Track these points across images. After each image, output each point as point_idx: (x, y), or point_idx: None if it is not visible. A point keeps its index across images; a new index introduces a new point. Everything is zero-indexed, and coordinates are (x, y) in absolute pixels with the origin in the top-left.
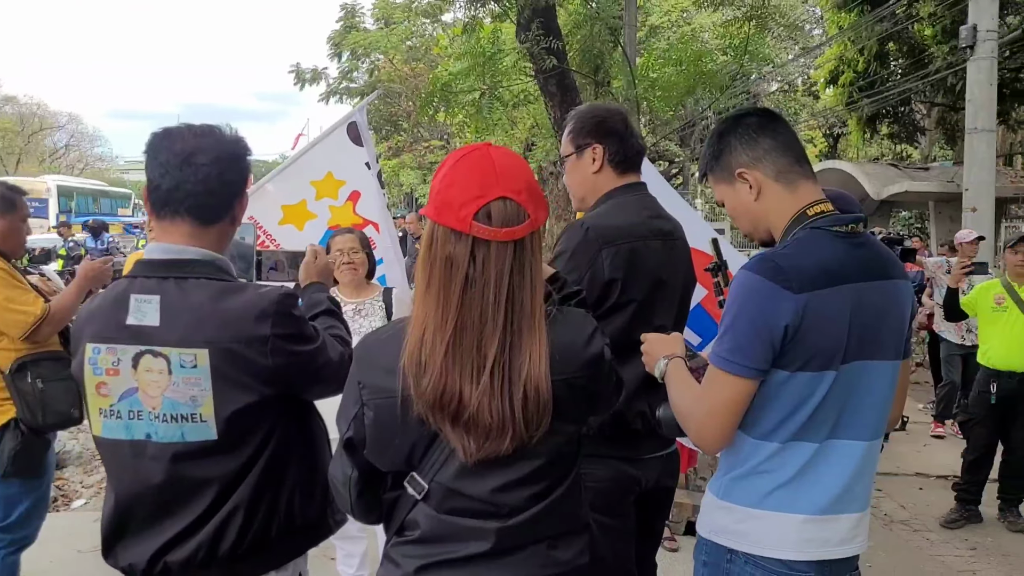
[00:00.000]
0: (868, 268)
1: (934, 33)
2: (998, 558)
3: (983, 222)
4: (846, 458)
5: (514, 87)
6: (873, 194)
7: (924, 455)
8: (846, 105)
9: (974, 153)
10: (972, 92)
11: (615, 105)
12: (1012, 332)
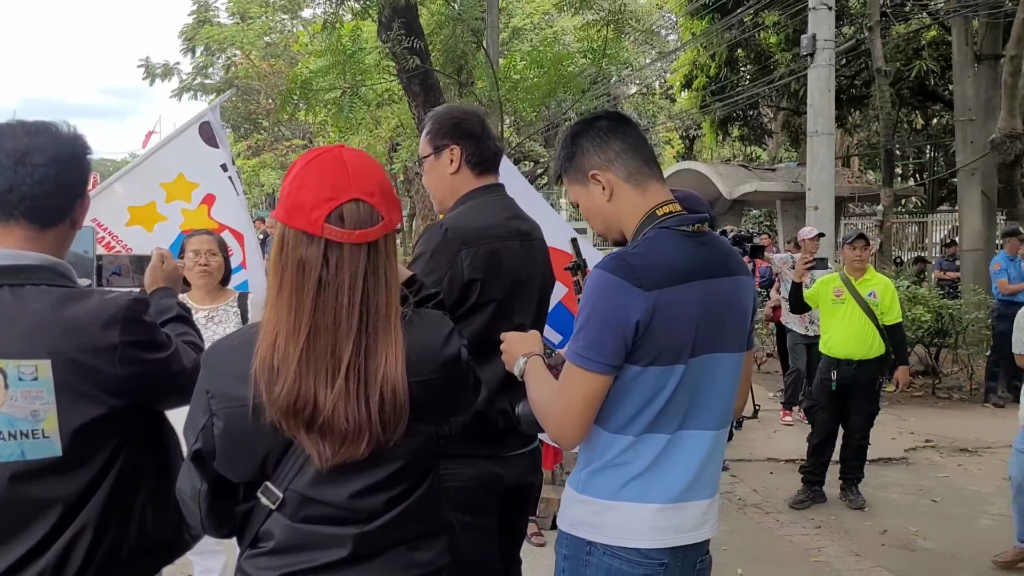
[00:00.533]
0: (713, 265)
1: (779, 41)
2: (840, 534)
3: (824, 219)
4: (696, 447)
5: (378, 86)
6: (726, 193)
7: (774, 441)
8: (700, 108)
9: (815, 155)
10: (812, 97)
11: (472, 107)
12: (849, 323)
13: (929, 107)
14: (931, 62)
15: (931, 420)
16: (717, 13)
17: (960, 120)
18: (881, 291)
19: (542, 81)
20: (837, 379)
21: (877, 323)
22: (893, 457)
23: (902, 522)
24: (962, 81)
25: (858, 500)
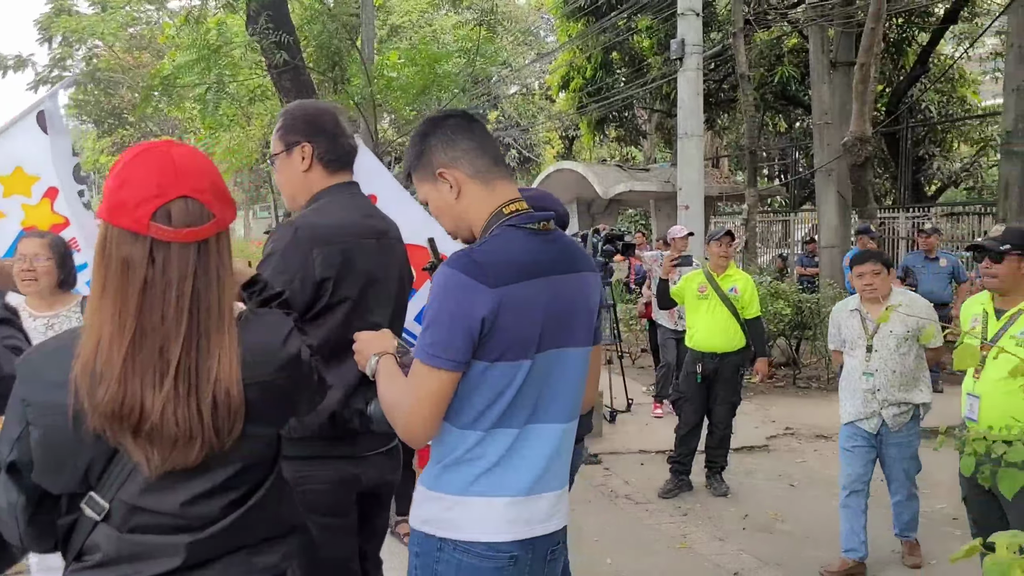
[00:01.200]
0: (559, 262)
1: (651, 45)
2: (705, 520)
3: (695, 218)
4: (545, 440)
5: (249, 82)
6: (601, 193)
7: (646, 433)
8: (577, 109)
9: (685, 156)
10: (682, 100)
11: (326, 103)
12: (713, 318)
13: (792, 111)
14: (792, 68)
15: (792, 409)
16: (592, 16)
17: (817, 124)
18: (742, 287)
19: (416, 80)
20: (702, 372)
21: (738, 317)
22: (756, 445)
23: (763, 506)
24: (819, 87)
25: (722, 487)
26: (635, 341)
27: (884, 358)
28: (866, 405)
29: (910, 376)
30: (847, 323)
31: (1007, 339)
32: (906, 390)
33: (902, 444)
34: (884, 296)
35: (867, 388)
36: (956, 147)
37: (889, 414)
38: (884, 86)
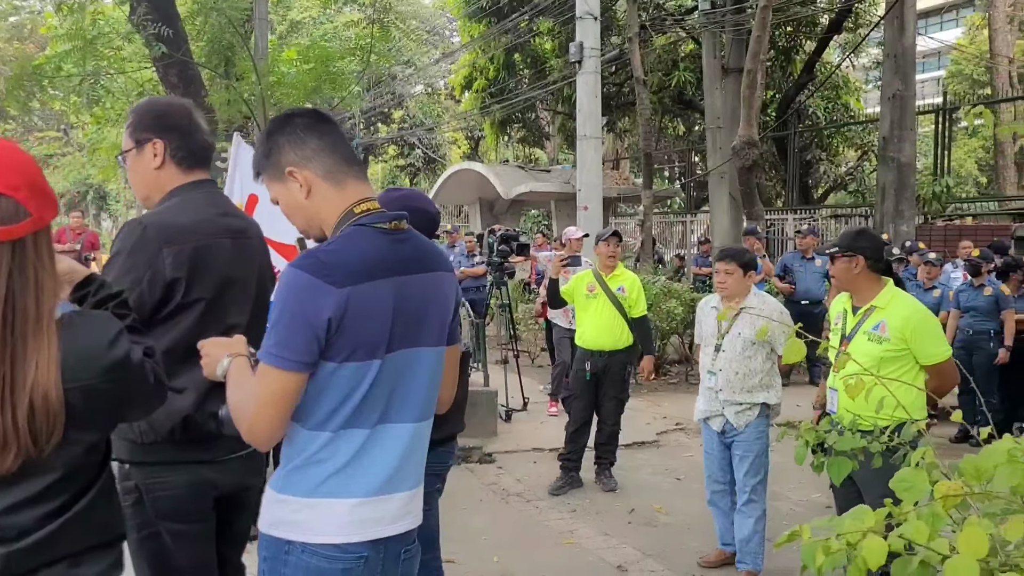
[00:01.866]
0: (410, 262)
1: (553, 47)
2: (593, 516)
3: (594, 219)
4: (396, 440)
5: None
6: (503, 193)
7: (540, 431)
8: (480, 110)
9: (584, 157)
10: (581, 103)
11: (179, 99)
12: (601, 316)
13: (689, 115)
14: (689, 74)
15: (683, 405)
16: (494, 17)
17: (710, 128)
18: (629, 286)
19: (306, 77)
20: (590, 369)
21: (626, 316)
22: (646, 440)
23: (648, 500)
24: (711, 92)
25: (611, 483)
26: (534, 340)
27: (729, 359)
28: (709, 404)
29: (755, 379)
30: (706, 320)
31: (860, 335)
32: (748, 392)
33: (745, 443)
34: (739, 296)
35: (710, 386)
36: (842, 152)
37: (731, 413)
38: (774, 92)
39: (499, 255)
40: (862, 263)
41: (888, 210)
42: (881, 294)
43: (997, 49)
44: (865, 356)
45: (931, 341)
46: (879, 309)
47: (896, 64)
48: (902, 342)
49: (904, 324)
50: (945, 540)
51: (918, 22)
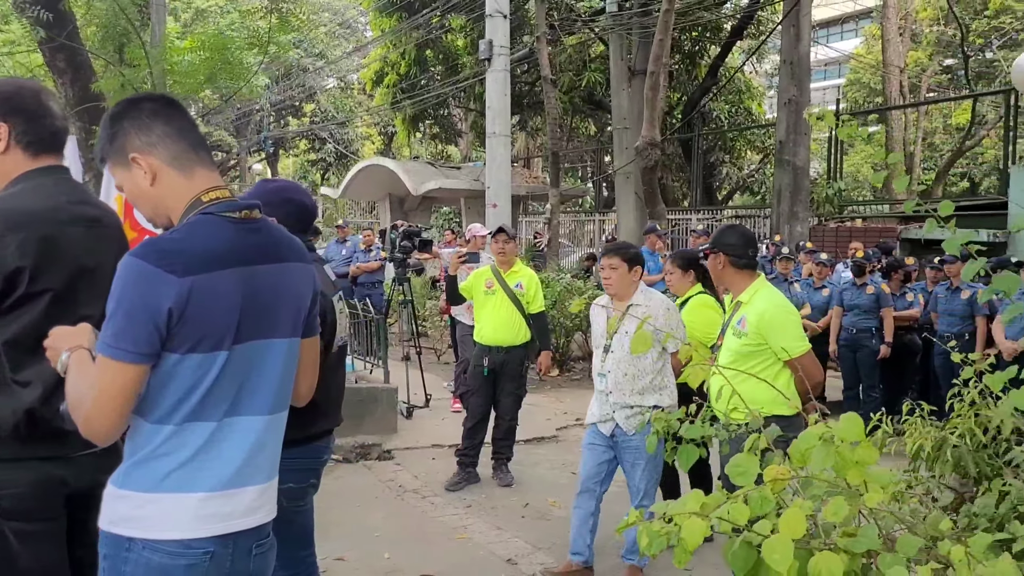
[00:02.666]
0: (261, 252)
1: (465, 44)
2: (488, 511)
3: (502, 217)
4: (246, 433)
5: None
6: (413, 190)
7: (441, 427)
8: (391, 105)
9: (493, 155)
10: (491, 100)
11: (29, 81)
12: (499, 312)
13: (599, 115)
14: (598, 74)
15: (584, 401)
16: (405, 12)
17: (617, 128)
18: (527, 283)
19: (202, 66)
20: (488, 365)
21: (523, 312)
22: (545, 436)
23: (544, 495)
24: (618, 93)
25: (507, 478)
26: (440, 337)
27: (618, 359)
28: (601, 407)
29: (645, 379)
30: (596, 320)
31: (729, 329)
32: (639, 394)
33: (636, 448)
34: (624, 294)
35: (601, 389)
36: (744, 154)
37: (621, 417)
38: (680, 95)
39: (401, 251)
40: (724, 259)
41: (784, 211)
42: (748, 289)
43: (889, 59)
44: (729, 350)
45: (785, 335)
46: (744, 304)
47: (792, 70)
48: (758, 336)
49: (759, 319)
50: (768, 522)
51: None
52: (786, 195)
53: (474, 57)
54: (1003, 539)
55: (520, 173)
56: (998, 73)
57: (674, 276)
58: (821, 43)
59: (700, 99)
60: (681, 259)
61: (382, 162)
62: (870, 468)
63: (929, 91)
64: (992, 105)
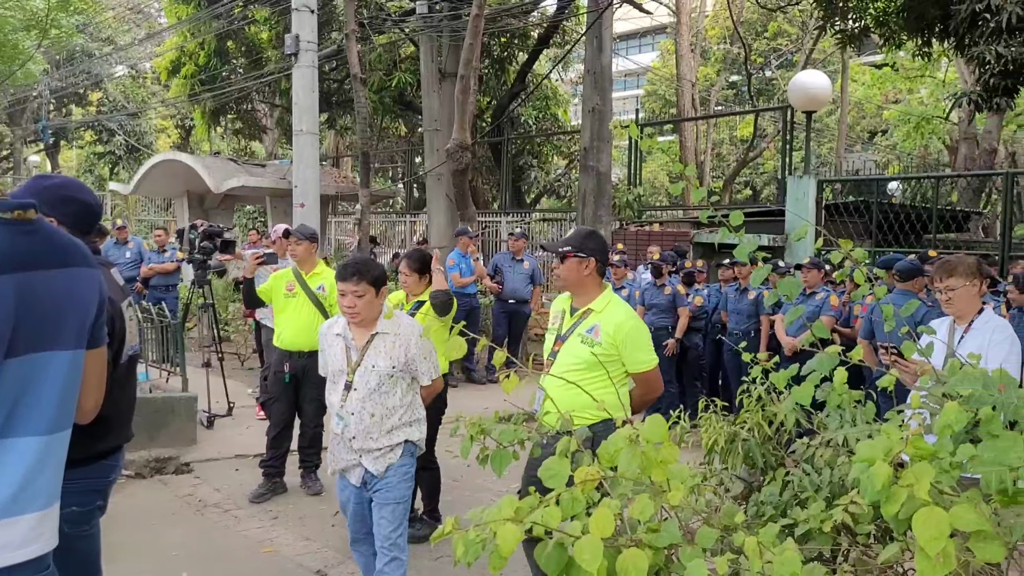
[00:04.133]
0: (39, 256)
1: (269, 37)
2: (295, 521)
3: (310, 217)
4: (21, 455)
5: None
6: (213, 187)
7: (245, 437)
8: (189, 97)
9: (301, 153)
10: (297, 96)
11: None
12: (300, 316)
13: (411, 116)
14: (409, 75)
15: None
16: (204, 0)
17: (428, 130)
18: (330, 285)
19: None
20: (289, 371)
21: (327, 315)
22: None
23: None
24: (429, 95)
25: (316, 486)
26: (244, 342)
27: (363, 398)
28: (343, 453)
29: (394, 417)
30: (331, 349)
31: (575, 336)
32: (388, 433)
33: (386, 488)
34: (371, 320)
35: (338, 432)
36: (551, 160)
37: (369, 461)
38: (490, 99)
39: (201, 252)
40: (593, 265)
41: (588, 215)
42: (600, 298)
43: (683, 73)
44: (575, 357)
45: (640, 349)
46: (596, 312)
47: (595, 80)
48: (613, 348)
49: (617, 330)
50: (579, 523)
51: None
52: (590, 199)
53: (279, 51)
54: (787, 524)
55: (329, 172)
56: (776, 90)
57: (411, 279)
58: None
59: (509, 104)
60: (418, 262)
61: (179, 157)
62: (672, 466)
63: (717, 105)
64: (772, 120)
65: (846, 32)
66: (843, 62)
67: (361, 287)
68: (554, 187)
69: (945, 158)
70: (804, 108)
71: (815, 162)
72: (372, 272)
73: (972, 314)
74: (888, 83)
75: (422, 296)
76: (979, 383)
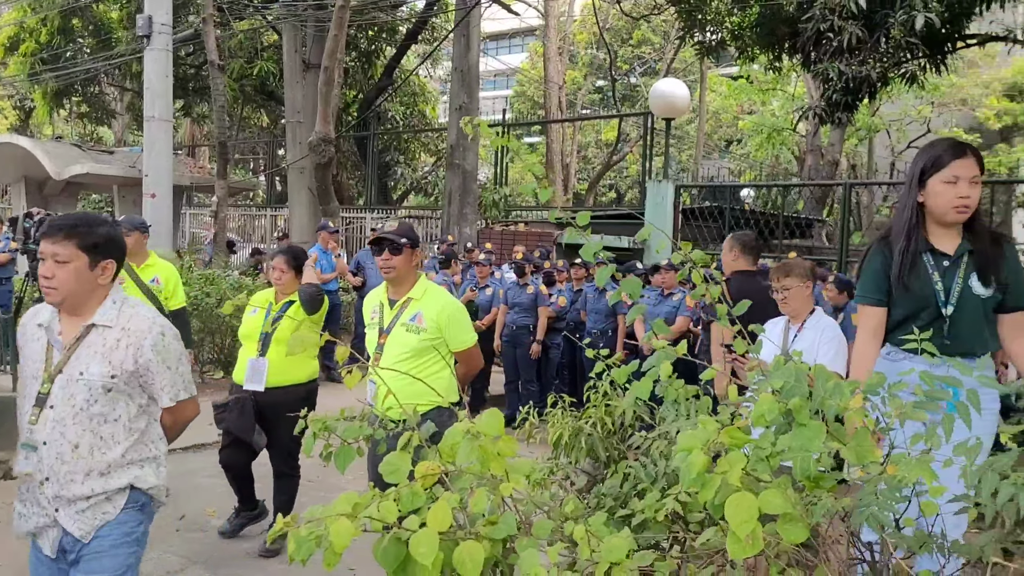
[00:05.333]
0: None
1: (120, 17)
2: None
3: (162, 208)
4: None
5: None
6: (54, 174)
7: None
8: (29, 76)
9: (152, 141)
10: (150, 81)
11: None
12: None
13: (273, 107)
14: (271, 64)
15: None
16: None
17: (291, 122)
18: (165, 277)
19: None
20: None
21: (162, 309)
22: (207, 442)
23: (201, 505)
24: (292, 85)
25: None
26: None
27: (61, 420)
28: (35, 507)
29: (116, 451)
30: (29, 347)
31: (399, 327)
32: (103, 476)
33: (95, 557)
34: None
35: (28, 473)
36: (418, 156)
37: (68, 517)
38: (357, 92)
39: (36, 242)
40: (418, 256)
41: (454, 213)
42: (417, 286)
43: (550, 76)
44: (403, 347)
45: (462, 329)
46: (415, 300)
47: (462, 78)
48: (437, 331)
49: (439, 313)
50: (418, 517)
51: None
52: (456, 198)
53: (131, 32)
54: (625, 515)
55: (184, 162)
56: (640, 97)
57: (286, 277)
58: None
59: (376, 98)
60: (295, 259)
61: (16, 140)
62: (512, 459)
63: (583, 108)
64: (635, 125)
65: (704, 44)
66: (701, 72)
67: (66, 250)
68: (421, 184)
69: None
70: (664, 115)
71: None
72: (89, 234)
73: (805, 314)
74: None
75: (293, 296)
76: (792, 377)
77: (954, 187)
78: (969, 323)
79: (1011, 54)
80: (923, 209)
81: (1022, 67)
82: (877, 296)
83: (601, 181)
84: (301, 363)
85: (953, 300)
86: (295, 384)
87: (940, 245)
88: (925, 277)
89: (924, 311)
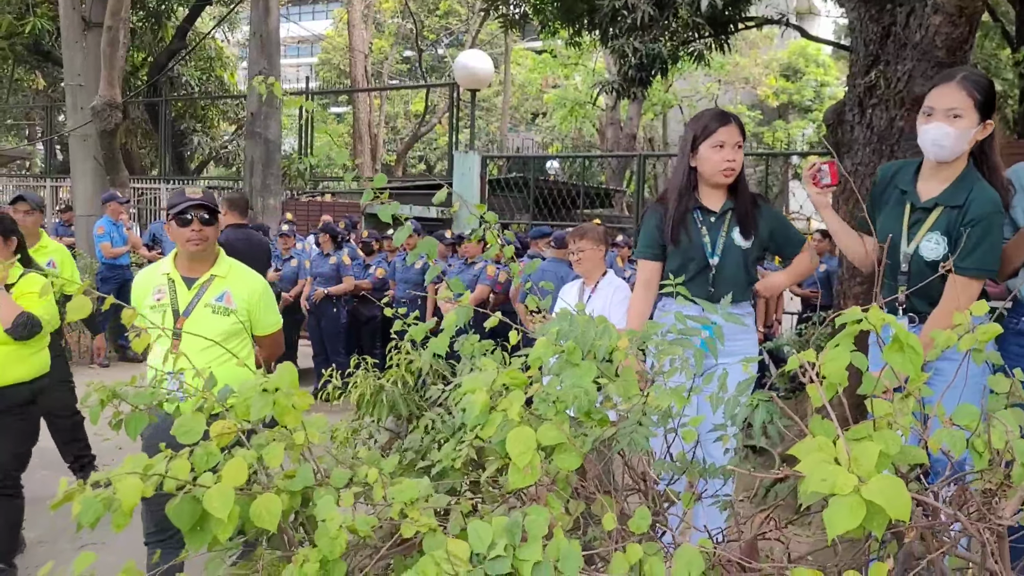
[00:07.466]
0: None
1: None
2: None
3: None
4: None
5: None
6: None
7: None
8: None
9: None
10: None
11: None
12: None
13: (50, 68)
14: (47, 21)
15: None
16: None
17: (71, 85)
18: (60, 260)
19: None
20: None
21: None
22: None
23: None
24: (71, 46)
25: None
26: None
27: None
28: None
29: None
30: None
31: (202, 307)
32: None
33: None
34: None
35: None
36: (217, 125)
37: None
38: (146, 55)
39: None
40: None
41: (256, 184)
42: (219, 262)
43: (355, 44)
44: (212, 331)
45: (272, 312)
46: (220, 278)
47: (262, 43)
48: (247, 313)
49: (251, 295)
50: (213, 475)
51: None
52: (259, 168)
53: None
54: (426, 466)
55: None
56: (447, 68)
57: None
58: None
59: (168, 62)
60: None
61: None
62: (309, 416)
63: (391, 78)
64: (443, 96)
65: (508, 16)
66: (506, 45)
67: None
68: (221, 154)
69: (597, 141)
70: (469, 87)
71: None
72: None
73: (598, 275)
74: (548, 68)
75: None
76: (567, 323)
77: (721, 151)
78: (731, 272)
79: (784, 37)
80: (695, 173)
81: (796, 49)
82: (652, 251)
83: (411, 152)
84: (23, 358)
85: (718, 252)
86: (16, 384)
87: (708, 203)
88: (694, 230)
89: (692, 262)
